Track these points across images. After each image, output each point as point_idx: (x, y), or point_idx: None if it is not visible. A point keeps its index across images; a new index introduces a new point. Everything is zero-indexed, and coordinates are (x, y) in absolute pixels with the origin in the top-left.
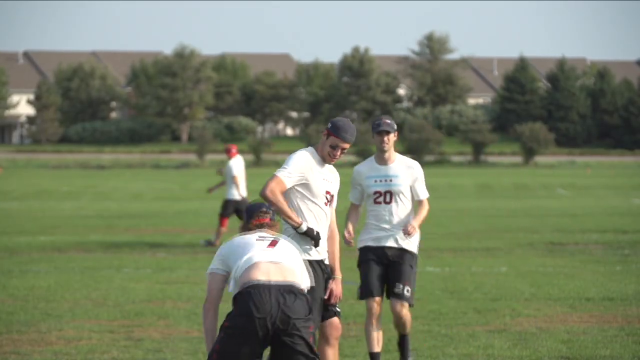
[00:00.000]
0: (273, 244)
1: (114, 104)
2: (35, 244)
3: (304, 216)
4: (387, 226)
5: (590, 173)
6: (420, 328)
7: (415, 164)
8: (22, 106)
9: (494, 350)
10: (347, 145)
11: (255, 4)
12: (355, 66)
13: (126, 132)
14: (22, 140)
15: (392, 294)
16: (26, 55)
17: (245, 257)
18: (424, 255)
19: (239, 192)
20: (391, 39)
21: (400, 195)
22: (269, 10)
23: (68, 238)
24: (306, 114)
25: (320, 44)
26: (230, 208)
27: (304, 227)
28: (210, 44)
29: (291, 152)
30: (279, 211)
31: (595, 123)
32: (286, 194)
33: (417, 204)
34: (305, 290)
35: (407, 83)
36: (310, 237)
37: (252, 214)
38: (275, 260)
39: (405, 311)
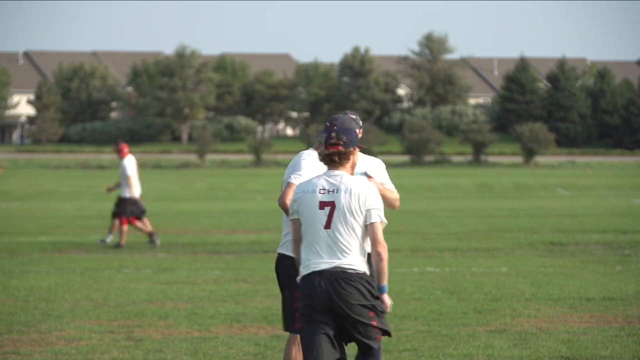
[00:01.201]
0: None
1: (114, 104)
2: (36, 244)
3: None
4: None
5: (590, 173)
6: (420, 328)
7: (378, 161)
8: (23, 106)
9: (494, 350)
10: None
11: (255, 4)
12: (356, 66)
13: (126, 132)
14: (23, 141)
15: None
16: (26, 55)
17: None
18: (424, 255)
19: (132, 191)
20: (391, 39)
21: None
22: (269, 10)
23: (68, 238)
24: (306, 114)
25: (320, 44)
26: (127, 207)
27: None
28: (210, 44)
29: (291, 152)
30: None
31: (596, 123)
32: None
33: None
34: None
35: (407, 83)
36: None
37: (325, 141)
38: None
39: None
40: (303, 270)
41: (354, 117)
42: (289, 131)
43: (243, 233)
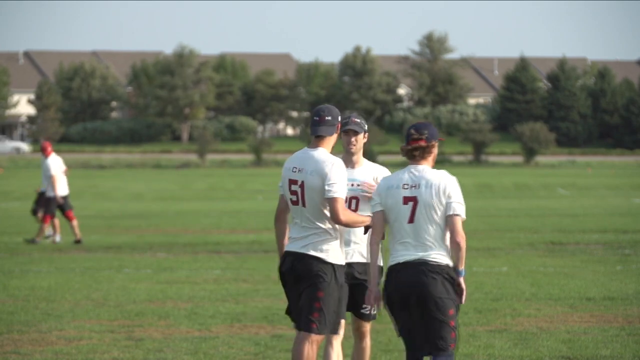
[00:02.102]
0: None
1: (114, 103)
2: (36, 244)
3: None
4: (352, 238)
5: (590, 173)
6: None
7: (384, 170)
8: (23, 106)
9: (495, 350)
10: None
11: (255, 4)
12: (357, 66)
13: (127, 132)
14: (23, 140)
15: (359, 315)
16: (27, 55)
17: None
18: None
19: (56, 190)
20: (391, 38)
21: (367, 202)
22: (269, 10)
23: (68, 238)
24: (307, 114)
25: (320, 43)
26: (52, 205)
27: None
28: (210, 43)
29: (292, 152)
30: (357, 224)
31: (596, 123)
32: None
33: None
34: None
35: (408, 83)
36: None
37: (406, 137)
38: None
39: (369, 334)
40: (390, 262)
41: (358, 120)
42: (290, 131)
43: (243, 233)
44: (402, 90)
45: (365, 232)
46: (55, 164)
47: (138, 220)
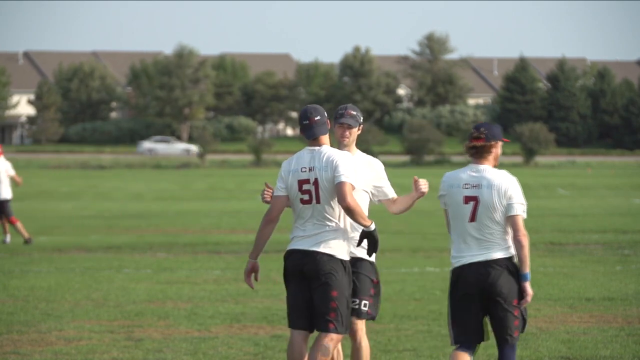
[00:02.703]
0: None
1: (114, 104)
2: (36, 244)
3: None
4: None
5: (590, 173)
6: (420, 328)
7: (376, 161)
8: (23, 106)
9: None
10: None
11: (255, 4)
12: (356, 66)
13: (126, 132)
14: (23, 141)
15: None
16: (26, 55)
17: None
18: (424, 255)
19: (3, 192)
20: (391, 39)
21: (360, 194)
22: (269, 10)
23: (68, 238)
24: None
25: (320, 44)
26: (7, 207)
27: (372, 227)
28: (210, 44)
29: (291, 152)
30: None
31: (596, 123)
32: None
33: (388, 203)
34: None
35: (407, 83)
36: (375, 239)
37: (469, 135)
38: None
39: (363, 332)
40: (454, 261)
41: (354, 113)
42: (289, 131)
43: (243, 233)
44: (402, 91)
45: (360, 243)
46: (2, 167)
47: (138, 221)
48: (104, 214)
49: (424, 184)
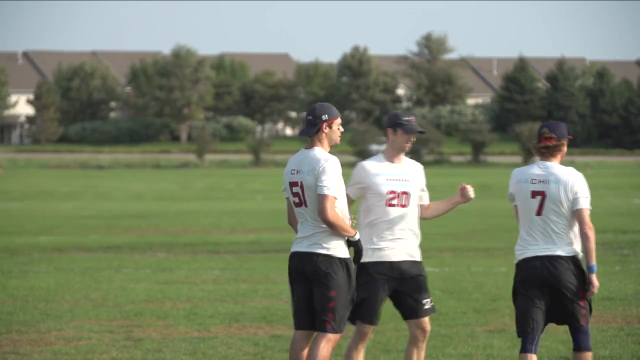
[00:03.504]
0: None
1: (113, 104)
2: (36, 244)
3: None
4: (399, 235)
5: (590, 173)
6: None
7: (421, 166)
8: (22, 106)
9: (494, 350)
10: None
11: (255, 4)
12: (355, 66)
13: (126, 132)
14: (22, 140)
15: (420, 312)
16: (26, 55)
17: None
18: (424, 255)
19: None
20: (390, 38)
21: (417, 198)
22: (268, 10)
23: (68, 238)
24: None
25: (319, 43)
26: None
27: (357, 237)
28: (209, 44)
29: (291, 152)
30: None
31: (595, 123)
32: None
33: (422, 208)
34: None
35: (406, 83)
36: (359, 248)
37: (537, 134)
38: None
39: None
40: (519, 254)
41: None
42: (288, 131)
43: (243, 233)
44: (401, 91)
45: (356, 254)
46: None
47: (138, 221)
48: (103, 214)
49: (471, 190)
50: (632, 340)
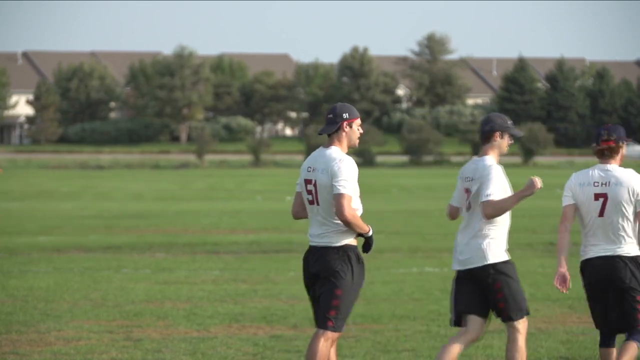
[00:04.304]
0: (601, 211)
1: (113, 104)
2: (35, 244)
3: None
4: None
5: None
6: (419, 328)
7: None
8: (22, 106)
9: (493, 350)
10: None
11: (255, 4)
12: (355, 66)
13: (125, 133)
14: (22, 141)
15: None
16: (25, 55)
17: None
18: (423, 255)
19: None
20: (390, 39)
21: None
22: (268, 10)
23: (68, 238)
24: (305, 114)
25: (319, 44)
26: None
27: (370, 233)
28: (209, 44)
29: (290, 152)
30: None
31: (595, 123)
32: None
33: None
34: None
35: (406, 83)
36: (371, 243)
37: (596, 138)
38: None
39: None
40: (583, 254)
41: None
42: (288, 131)
43: (242, 233)
44: (400, 91)
45: (366, 247)
46: None
47: (137, 221)
48: (103, 214)
49: (539, 182)
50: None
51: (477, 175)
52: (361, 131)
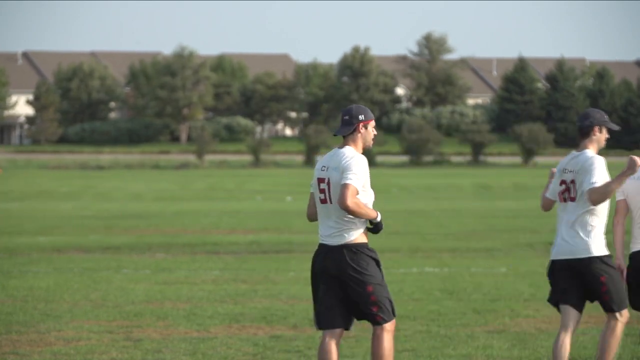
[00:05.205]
0: None
1: (113, 104)
2: (35, 244)
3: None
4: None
5: None
6: (419, 328)
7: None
8: (22, 106)
9: (493, 350)
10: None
11: (255, 4)
12: (355, 66)
13: (125, 133)
14: (22, 141)
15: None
16: (25, 55)
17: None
18: (423, 255)
19: None
20: (390, 39)
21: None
22: (268, 11)
23: (67, 239)
24: (305, 114)
25: (319, 44)
26: None
27: (379, 218)
28: (209, 44)
29: (290, 152)
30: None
31: None
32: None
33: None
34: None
35: (406, 83)
36: (381, 227)
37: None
38: None
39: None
40: (632, 247)
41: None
42: (288, 131)
43: (242, 233)
44: (400, 91)
45: (374, 230)
46: None
47: (137, 221)
48: (103, 214)
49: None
50: (632, 340)
51: (579, 167)
52: (375, 132)
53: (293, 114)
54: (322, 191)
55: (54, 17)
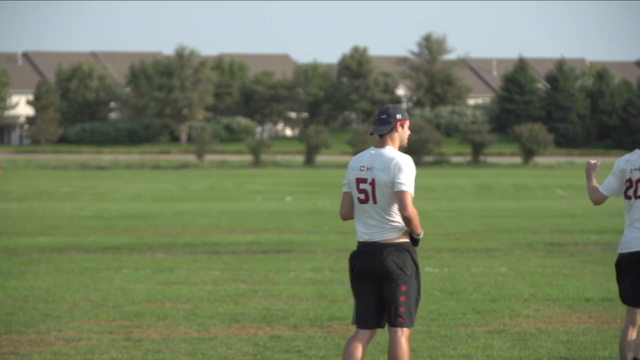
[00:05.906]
0: None
1: (113, 104)
2: (35, 244)
3: None
4: None
5: None
6: (419, 329)
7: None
8: (22, 107)
9: (493, 350)
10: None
11: (255, 4)
12: (354, 66)
13: (125, 133)
14: (22, 141)
15: None
16: (25, 55)
17: None
18: (423, 255)
19: None
20: (390, 39)
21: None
22: (268, 11)
23: (67, 239)
24: (305, 115)
25: (319, 44)
26: None
27: (421, 235)
28: (209, 44)
29: (290, 152)
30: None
31: (595, 124)
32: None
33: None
34: None
35: (406, 84)
36: (416, 245)
37: None
38: None
39: None
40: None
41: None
42: (288, 132)
43: (242, 233)
44: (400, 91)
45: (413, 244)
46: None
47: (137, 221)
48: (103, 215)
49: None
50: None
51: None
52: (410, 132)
53: (293, 114)
54: (362, 191)
55: (54, 17)
